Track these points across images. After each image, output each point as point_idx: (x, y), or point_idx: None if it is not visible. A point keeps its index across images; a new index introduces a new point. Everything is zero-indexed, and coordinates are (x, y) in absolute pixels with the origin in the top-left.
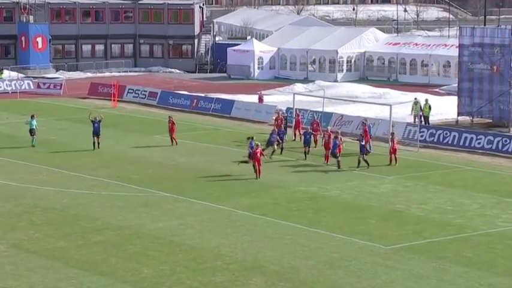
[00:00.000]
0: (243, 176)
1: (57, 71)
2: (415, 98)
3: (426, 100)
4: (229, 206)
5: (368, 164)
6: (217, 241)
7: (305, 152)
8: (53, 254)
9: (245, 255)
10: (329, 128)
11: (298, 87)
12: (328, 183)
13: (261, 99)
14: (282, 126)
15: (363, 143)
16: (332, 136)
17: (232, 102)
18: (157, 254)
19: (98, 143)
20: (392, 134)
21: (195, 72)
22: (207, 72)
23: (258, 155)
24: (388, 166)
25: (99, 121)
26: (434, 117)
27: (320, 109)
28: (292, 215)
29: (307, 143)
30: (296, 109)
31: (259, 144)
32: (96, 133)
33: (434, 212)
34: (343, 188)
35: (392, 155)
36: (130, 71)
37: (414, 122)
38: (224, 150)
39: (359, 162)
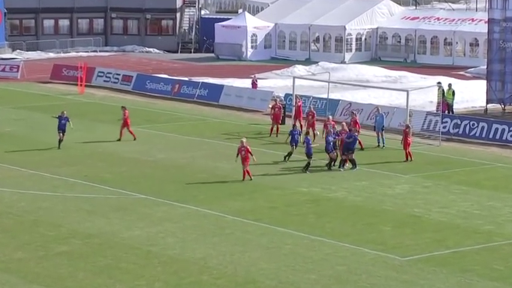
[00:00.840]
0: (233, 175)
1: (13, 50)
2: (438, 82)
3: (449, 85)
4: (217, 210)
5: (355, 165)
6: (203, 251)
7: (289, 154)
8: (9, 267)
9: (236, 268)
10: (311, 107)
11: (299, 69)
12: (334, 183)
13: (254, 84)
14: (280, 116)
15: (349, 140)
16: (329, 129)
17: (220, 87)
18: (132, 266)
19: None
20: (407, 126)
21: (177, 52)
22: (191, 52)
23: (244, 153)
24: (404, 163)
25: (67, 118)
26: (459, 105)
27: (324, 95)
28: (292, 221)
29: (295, 143)
30: (296, 96)
31: (243, 141)
32: (62, 129)
33: (458, 216)
34: (351, 188)
35: (406, 151)
36: (100, 51)
37: (436, 110)
38: (211, 144)
39: (345, 162)
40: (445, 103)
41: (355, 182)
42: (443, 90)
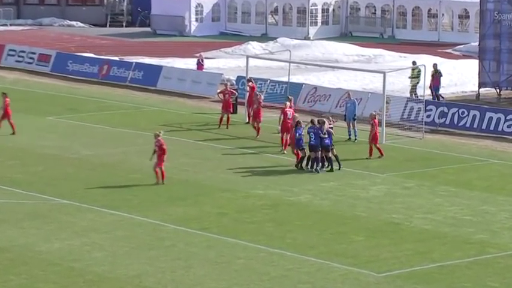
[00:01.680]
0: (174, 175)
1: None
2: (413, 62)
3: (435, 65)
4: (154, 218)
5: (331, 164)
6: (137, 268)
7: (308, 159)
8: None
9: (178, 287)
10: (261, 96)
11: (254, 47)
12: (296, 184)
13: (200, 65)
14: (231, 103)
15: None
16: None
17: (158, 69)
18: (52, 287)
19: None
20: (374, 115)
21: (106, 26)
22: (122, 26)
23: (160, 147)
24: (380, 159)
25: None
26: (446, 90)
27: (285, 78)
28: (245, 230)
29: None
30: (250, 79)
31: (160, 133)
32: None
33: (445, 224)
34: (317, 190)
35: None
36: (11, 25)
37: (411, 95)
38: (147, 137)
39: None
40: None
41: (321, 183)
42: (419, 71)
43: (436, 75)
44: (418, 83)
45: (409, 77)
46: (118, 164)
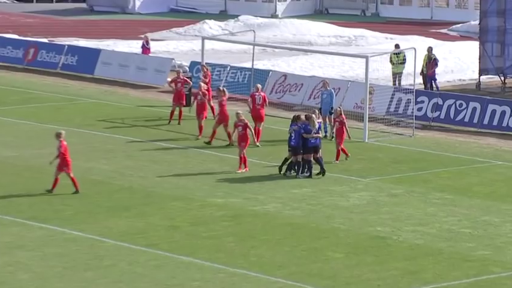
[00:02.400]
0: (116, 180)
1: None
2: (396, 45)
3: (430, 50)
4: (92, 232)
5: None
6: None
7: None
8: None
9: None
10: (203, 86)
11: (211, 27)
12: (262, 191)
13: (146, 49)
14: (184, 93)
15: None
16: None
17: (96, 53)
18: None
19: None
20: (339, 111)
21: (32, 2)
22: (52, 2)
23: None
24: (363, 161)
25: None
26: (441, 78)
27: (248, 64)
28: (201, 246)
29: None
30: (206, 65)
31: (61, 133)
32: None
33: (440, 238)
34: (288, 199)
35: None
36: None
37: (394, 83)
38: (83, 135)
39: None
40: (425, 73)
41: (292, 189)
42: (404, 57)
43: (431, 62)
44: (401, 72)
45: (392, 63)
46: (47, 168)
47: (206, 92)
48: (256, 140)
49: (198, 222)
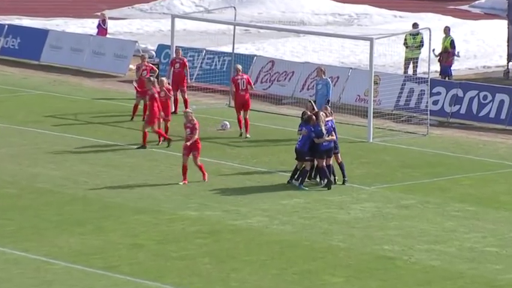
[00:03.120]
0: (68, 188)
1: None
2: (415, 24)
3: (446, 30)
4: (38, 252)
5: (326, 178)
6: None
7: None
8: None
9: None
10: (153, 79)
11: (182, 2)
12: (245, 201)
13: (103, 29)
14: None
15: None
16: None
17: (43, 34)
18: None
19: None
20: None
21: None
22: None
23: None
24: (367, 165)
25: None
26: (461, 64)
27: (227, 48)
28: (170, 269)
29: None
30: (178, 48)
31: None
32: None
33: (461, 258)
34: (276, 211)
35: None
36: None
37: (405, 71)
38: (28, 134)
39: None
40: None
41: (281, 199)
42: (422, 39)
43: (449, 49)
44: (417, 57)
45: (406, 46)
46: None
47: (170, 89)
48: (246, 130)
49: (166, 240)
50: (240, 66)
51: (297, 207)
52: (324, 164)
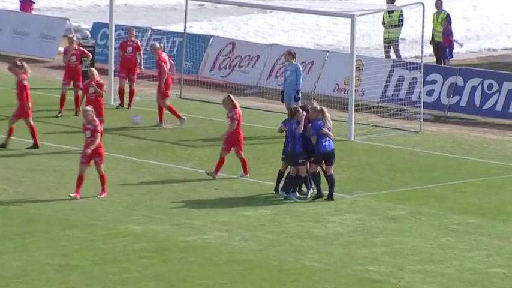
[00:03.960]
0: None
1: None
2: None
3: (438, 3)
4: None
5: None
6: None
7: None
8: None
9: None
10: (21, 62)
11: None
12: (201, 213)
13: (26, 3)
14: (80, 69)
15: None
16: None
17: None
18: None
19: None
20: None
21: None
22: None
23: None
24: (349, 169)
25: None
26: (463, 47)
27: (178, 27)
28: None
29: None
30: (131, 28)
31: None
32: None
33: (461, 281)
34: (238, 225)
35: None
36: None
37: (386, 54)
38: None
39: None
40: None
41: (244, 210)
42: (400, 16)
43: (446, 25)
44: (397, 38)
45: (384, 25)
46: None
47: (102, 83)
48: (179, 117)
49: (104, 260)
50: (160, 45)
51: (263, 220)
52: (316, 171)
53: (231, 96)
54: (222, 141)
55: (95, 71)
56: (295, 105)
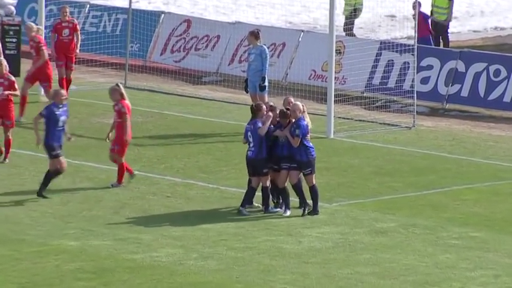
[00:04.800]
0: None
1: None
2: None
3: None
4: None
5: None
6: None
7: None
8: None
9: None
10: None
11: None
12: (149, 228)
13: None
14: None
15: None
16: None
17: None
18: None
19: None
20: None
21: None
22: None
23: None
24: (328, 171)
25: None
26: (463, 25)
27: (122, 2)
28: None
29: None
30: (65, 6)
31: None
32: None
33: None
34: (195, 240)
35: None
36: None
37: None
38: None
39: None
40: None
41: (201, 222)
42: None
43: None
44: (355, 14)
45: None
46: None
47: (13, 81)
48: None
49: (33, 283)
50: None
51: (225, 234)
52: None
53: (120, 85)
54: (110, 143)
55: (4, 62)
56: (259, 102)
